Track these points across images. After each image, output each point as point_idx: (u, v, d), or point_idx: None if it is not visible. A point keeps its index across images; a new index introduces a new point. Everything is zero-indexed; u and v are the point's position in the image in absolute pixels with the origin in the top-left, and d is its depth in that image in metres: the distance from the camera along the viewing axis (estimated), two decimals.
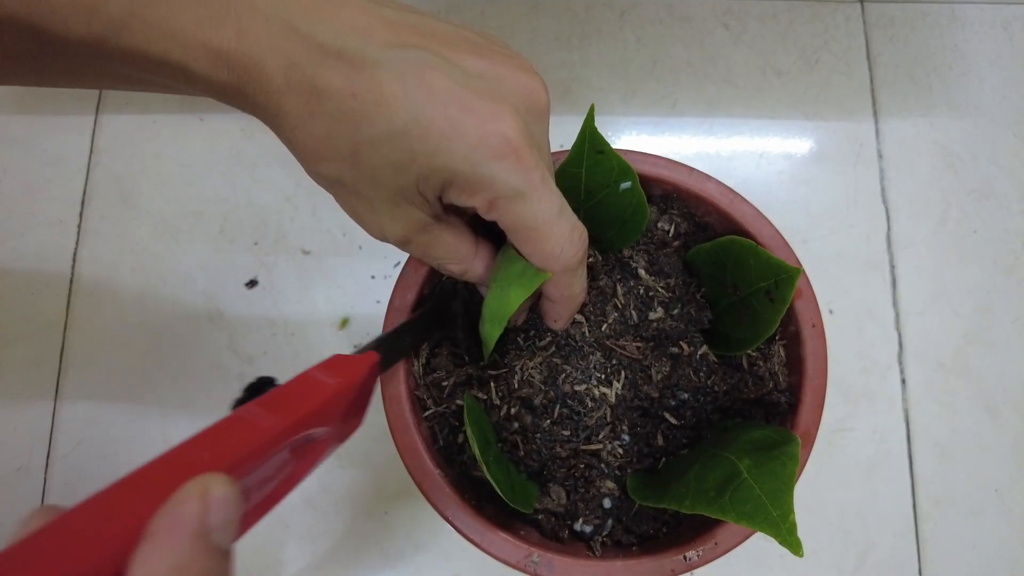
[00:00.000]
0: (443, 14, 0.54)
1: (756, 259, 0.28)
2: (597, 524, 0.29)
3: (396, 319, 0.30)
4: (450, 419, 0.30)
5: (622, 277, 0.32)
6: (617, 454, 0.29)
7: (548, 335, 0.30)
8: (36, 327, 0.47)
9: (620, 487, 0.29)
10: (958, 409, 0.46)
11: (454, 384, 0.30)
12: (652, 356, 0.30)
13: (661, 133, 0.52)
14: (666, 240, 0.33)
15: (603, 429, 0.29)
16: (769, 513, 0.23)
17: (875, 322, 0.48)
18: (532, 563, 0.27)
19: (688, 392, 0.30)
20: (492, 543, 0.27)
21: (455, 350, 0.31)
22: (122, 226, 0.50)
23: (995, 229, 0.50)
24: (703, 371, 0.30)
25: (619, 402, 0.29)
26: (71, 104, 0.52)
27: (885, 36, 0.54)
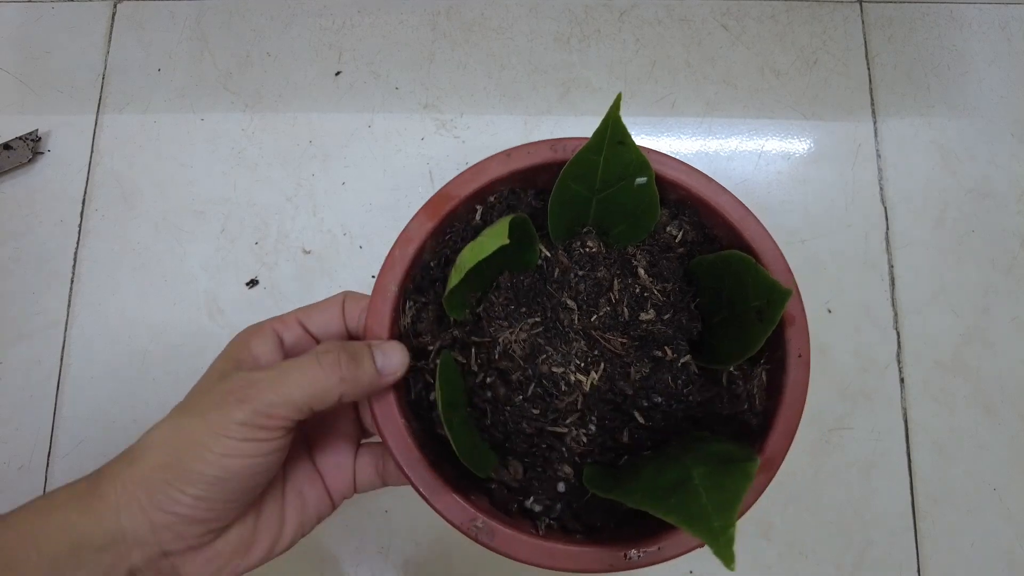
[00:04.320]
0: (443, 16, 0.55)
1: (754, 277, 0.28)
2: (547, 505, 0.29)
3: (384, 305, 0.30)
4: (426, 375, 0.30)
5: (621, 273, 0.31)
6: (580, 442, 0.29)
7: (538, 314, 0.30)
8: (37, 326, 0.48)
9: (576, 474, 0.29)
10: (956, 408, 0.47)
11: (439, 347, 0.30)
12: (635, 355, 0.30)
13: (660, 133, 0.52)
14: (671, 245, 0.33)
15: (572, 415, 0.29)
16: (710, 522, 0.23)
17: (873, 321, 0.48)
18: (475, 527, 0.27)
19: (663, 396, 0.30)
20: (440, 501, 0.27)
21: (441, 313, 0.31)
22: (123, 226, 0.50)
23: (993, 229, 0.50)
24: (682, 379, 0.30)
25: (593, 392, 0.30)
26: (72, 104, 0.52)
27: (883, 36, 0.55)
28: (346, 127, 0.52)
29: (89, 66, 0.53)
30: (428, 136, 0.52)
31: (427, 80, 0.53)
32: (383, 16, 0.55)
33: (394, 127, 0.52)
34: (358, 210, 0.49)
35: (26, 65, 0.54)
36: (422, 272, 0.31)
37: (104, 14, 0.55)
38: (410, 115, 0.52)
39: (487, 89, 0.53)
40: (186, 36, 0.54)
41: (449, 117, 0.52)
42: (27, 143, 0.50)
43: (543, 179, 0.32)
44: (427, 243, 0.30)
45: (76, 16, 0.55)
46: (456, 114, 0.52)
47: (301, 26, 0.54)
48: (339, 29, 0.54)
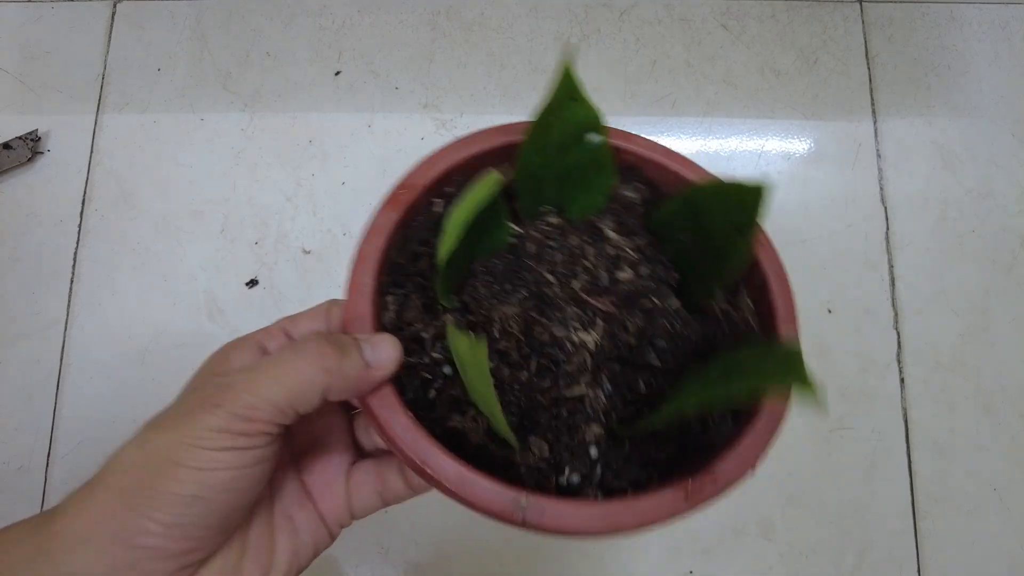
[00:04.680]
0: (443, 15, 0.54)
1: (721, 195, 0.29)
2: (585, 473, 0.27)
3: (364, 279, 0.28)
4: (422, 372, 0.28)
5: (591, 239, 0.31)
6: (600, 401, 0.28)
7: (523, 290, 0.30)
8: (37, 326, 0.48)
9: (606, 432, 0.28)
10: (957, 408, 0.47)
11: (433, 337, 0.28)
12: (625, 311, 0.30)
13: (660, 133, 0.52)
14: (632, 205, 0.33)
15: (584, 375, 0.28)
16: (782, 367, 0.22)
17: (874, 321, 0.48)
18: (520, 508, 0.24)
19: (665, 340, 0.30)
20: (473, 488, 0.24)
21: (427, 301, 0.29)
22: (123, 226, 0.50)
23: (993, 228, 0.50)
24: (678, 322, 0.30)
25: (598, 351, 0.29)
26: (72, 104, 0.52)
27: (884, 36, 0.55)
28: (346, 127, 0.52)
29: (89, 66, 0.53)
30: (428, 136, 0.52)
31: (427, 80, 0.53)
32: (383, 16, 0.55)
33: (394, 127, 0.52)
34: (358, 210, 0.49)
35: (26, 65, 0.54)
36: (393, 267, 0.30)
37: (104, 14, 0.55)
38: (410, 115, 0.52)
39: (487, 89, 0.53)
40: (186, 36, 0.54)
41: (449, 117, 0.52)
42: (27, 143, 0.50)
43: (500, 164, 0.32)
44: (395, 236, 0.29)
45: (76, 16, 0.55)
46: (456, 114, 0.52)
47: (301, 26, 0.54)
48: (339, 29, 0.54)
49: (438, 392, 0.27)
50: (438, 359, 0.28)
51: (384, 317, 0.28)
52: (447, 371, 0.28)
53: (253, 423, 0.22)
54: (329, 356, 0.24)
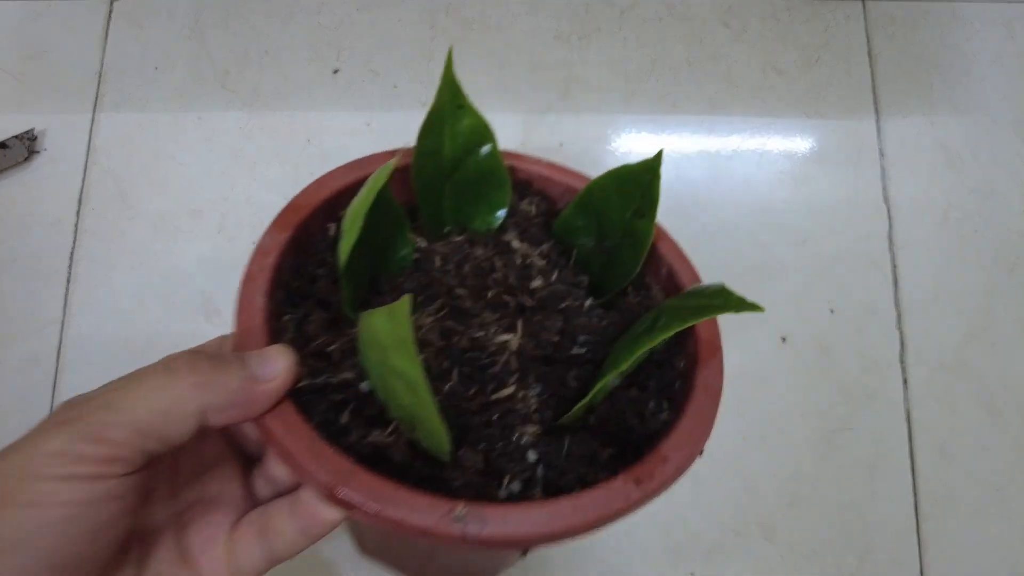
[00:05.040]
0: (442, 13, 0.54)
1: (616, 180, 0.29)
2: (526, 479, 0.25)
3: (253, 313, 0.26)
4: (332, 394, 0.25)
5: (499, 251, 0.31)
6: (530, 401, 0.27)
7: (436, 301, 0.28)
8: (34, 326, 0.47)
9: (544, 431, 0.26)
10: (959, 409, 0.46)
11: (342, 352, 0.26)
12: (542, 314, 0.29)
13: (661, 132, 0.52)
14: (531, 216, 0.34)
15: (511, 376, 0.27)
16: (715, 299, 0.23)
17: (876, 321, 0.48)
18: (458, 518, 0.21)
19: (587, 334, 0.29)
20: (399, 506, 0.21)
21: (331, 316, 0.27)
22: (120, 225, 0.49)
23: (997, 228, 0.50)
24: (596, 317, 0.30)
25: (521, 351, 0.27)
26: (69, 103, 0.52)
27: (886, 35, 0.54)
28: (345, 125, 0.52)
29: (86, 64, 0.53)
30: None
31: (426, 78, 0.53)
32: (382, 13, 0.54)
33: (393, 125, 0.52)
34: None
35: (22, 63, 0.53)
36: (289, 289, 0.28)
37: (101, 12, 0.54)
38: (409, 113, 0.52)
39: (487, 87, 0.53)
40: (184, 34, 0.54)
41: None
42: (23, 142, 0.50)
43: (394, 187, 0.31)
44: (285, 257, 0.28)
45: (73, 14, 0.54)
46: None
47: (299, 24, 0.54)
48: (337, 27, 0.54)
49: (352, 414, 0.24)
50: (350, 379, 0.25)
51: (282, 339, 0.26)
52: (363, 388, 0.25)
53: (104, 445, 0.18)
54: (204, 370, 0.20)
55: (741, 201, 0.50)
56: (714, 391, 0.27)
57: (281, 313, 0.27)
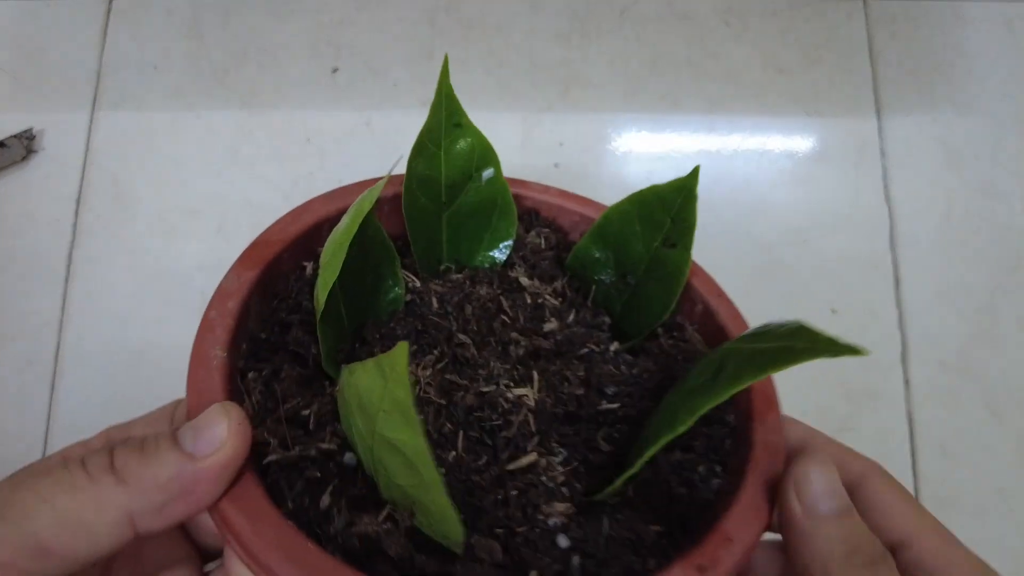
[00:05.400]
0: (442, 12, 0.54)
1: (640, 207, 0.26)
2: (559, 572, 0.20)
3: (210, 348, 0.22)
4: (309, 470, 0.20)
5: (505, 289, 0.27)
6: (556, 470, 0.22)
7: (436, 350, 0.24)
8: (31, 326, 0.47)
9: (576, 508, 0.21)
10: (961, 409, 0.46)
11: (320, 417, 0.21)
12: (561, 362, 0.25)
13: (662, 131, 0.52)
14: (540, 249, 0.30)
15: (530, 440, 0.22)
16: (798, 341, 0.18)
17: (878, 322, 0.48)
18: None
19: (614, 384, 0.25)
20: None
21: (306, 372, 0.23)
22: (118, 225, 0.49)
23: (999, 228, 0.50)
24: (623, 364, 0.26)
25: (540, 408, 0.23)
26: (67, 102, 0.52)
27: (888, 33, 0.54)
28: (344, 124, 0.51)
29: (84, 63, 0.53)
30: None
31: (426, 77, 0.52)
32: (381, 12, 0.54)
33: (393, 124, 0.51)
34: None
35: (20, 62, 0.53)
36: (255, 341, 0.24)
37: (99, 10, 0.54)
38: (409, 112, 0.52)
39: (487, 86, 0.52)
40: (182, 33, 0.54)
41: None
42: (21, 141, 0.50)
43: (382, 218, 0.28)
44: (251, 301, 0.24)
45: (71, 13, 0.54)
46: None
47: (298, 22, 0.54)
48: (337, 25, 0.54)
49: (335, 495, 0.20)
50: (330, 449, 0.20)
51: (246, 402, 0.21)
52: (348, 460, 0.21)
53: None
54: (126, 461, 0.16)
55: (741, 200, 0.50)
56: (776, 450, 0.23)
57: (245, 370, 0.22)
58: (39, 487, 0.15)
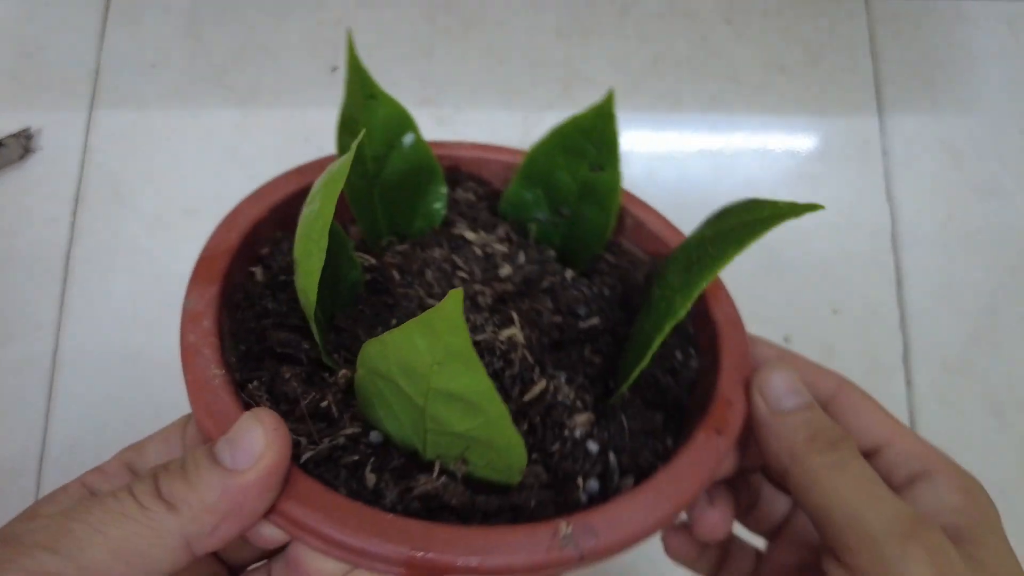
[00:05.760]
0: (442, 10, 0.54)
1: (562, 140, 0.27)
2: (601, 472, 0.22)
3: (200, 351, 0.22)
4: (343, 457, 0.20)
5: (454, 247, 0.28)
6: (565, 388, 0.24)
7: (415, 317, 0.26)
8: (29, 327, 0.47)
9: (596, 415, 0.24)
10: (964, 410, 0.46)
11: (339, 404, 0.22)
12: (529, 300, 0.26)
13: (663, 129, 0.51)
14: (473, 203, 0.31)
15: (532, 372, 0.24)
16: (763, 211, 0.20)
17: (880, 322, 0.47)
18: (566, 539, 0.19)
19: (584, 306, 0.27)
20: (499, 548, 0.18)
21: (305, 371, 0.23)
22: (116, 224, 0.49)
23: (1001, 227, 0.49)
24: (583, 287, 0.28)
25: (530, 343, 0.25)
26: (65, 101, 0.51)
27: (890, 32, 0.54)
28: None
29: (82, 62, 0.53)
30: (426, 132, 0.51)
31: (425, 75, 0.52)
32: (380, 10, 0.54)
33: None
34: None
35: (18, 61, 0.53)
36: (237, 353, 0.24)
37: (97, 9, 0.54)
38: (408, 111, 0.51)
39: (487, 84, 0.52)
40: (180, 31, 0.53)
41: (448, 113, 0.51)
42: (19, 140, 0.49)
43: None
44: (222, 318, 0.24)
45: (69, 11, 0.54)
46: (454, 110, 0.51)
47: (297, 20, 0.54)
48: (336, 23, 0.53)
49: (377, 473, 0.20)
50: (356, 433, 0.21)
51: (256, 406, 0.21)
52: (373, 439, 0.21)
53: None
54: (169, 484, 0.16)
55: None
56: (736, 321, 0.26)
57: (244, 382, 0.22)
58: (90, 518, 0.15)
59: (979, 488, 0.23)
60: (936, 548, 0.19)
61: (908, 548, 0.19)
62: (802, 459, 0.21)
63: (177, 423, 0.23)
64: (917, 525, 0.19)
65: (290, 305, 0.25)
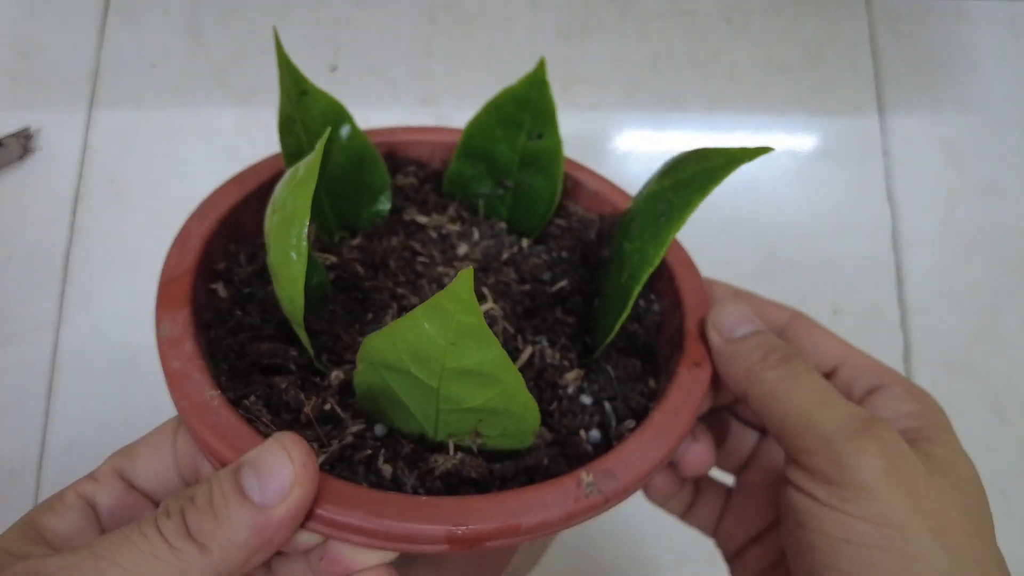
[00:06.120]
0: (442, 9, 0.54)
1: (497, 112, 0.28)
2: (600, 422, 0.24)
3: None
4: (355, 455, 0.21)
5: (408, 233, 0.29)
6: (548, 350, 0.25)
7: (390, 309, 0.25)
8: (28, 327, 0.47)
9: (583, 369, 0.25)
10: (964, 410, 0.46)
11: (341, 405, 0.22)
12: (493, 274, 0.27)
13: (664, 129, 0.51)
14: (417, 187, 0.31)
15: (515, 340, 0.25)
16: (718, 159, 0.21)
17: (881, 322, 0.47)
18: (589, 486, 0.19)
19: (547, 270, 0.28)
20: (533, 506, 0.19)
21: (298, 377, 0.23)
22: (115, 225, 0.49)
23: (1002, 227, 0.49)
24: (542, 253, 0.29)
25: (506, 314, 0.25)
26: (64, 100, 0.51)
27: (891, 32, 0.54)
28: None
29: (81, 61, 0.53)
30: None
31: (425, 75, 0.52)
32: (380, 9, 0.54)
33: (391, 123, 0.51)
34: None
35: (17, 61, 0.53)
36: (222, 373, 0.23)
37: (97, 8, 0.54)
38: (408, 110, 0.51)
39: (486, 84, 0.52)
40: (180, 31, 0.53)
41: (447, 112, 0.51)
42: (19, 140, 0.49)
43: (252, 217, 0.27)
44: (199, 339, 0.23)
45: (68, 10, 0.54)
46: (454, 109, 0.51)
47: (297, 20, 0.54)
48: (336, 23, 0.53)
49: (391, 462, 0.21)
50: (361, 429, 0.22)
51: (259, 424, 0.21)
52: (378, 432, 0.22)
53: None
54: (198, 523, 0.15)
55: (743, 199, 0.50)
56: (689, 263, 0.27)
57: (239, 399, 0.22)
58: (120, 558, 0.15)
59: (930, 397, 0.24)
60: (888, 442, 0.20)
61: (861, 443, 0.19)
62: (758, 376, 0.22)
63: (165, 428, 0.22)
64: (869, 423, 0.20)
65: (262, 316, 0.25)
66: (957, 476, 0.21)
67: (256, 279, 0.26)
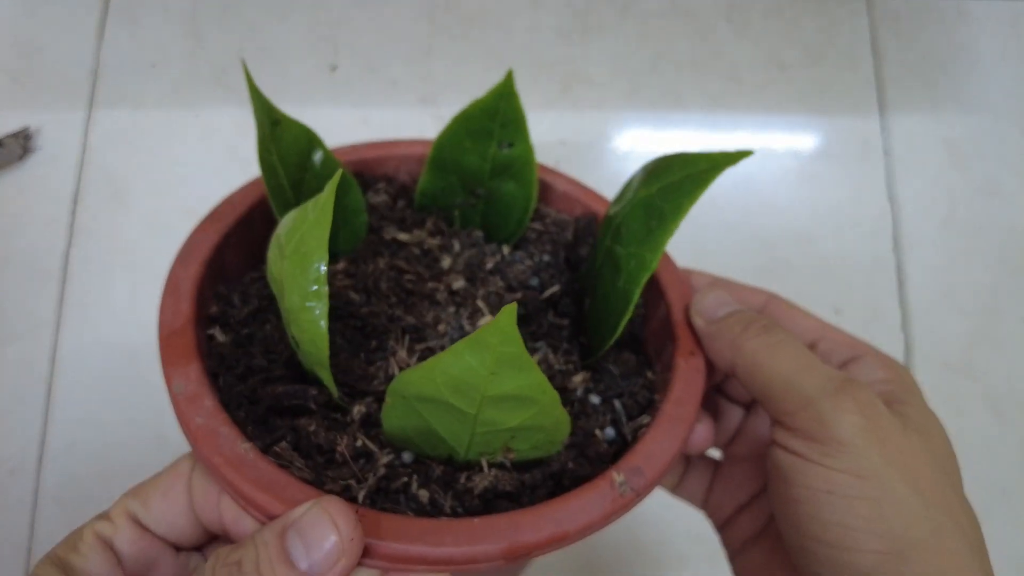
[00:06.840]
0: (442, 9, 0.54)
1: (466, 124, 0.28)
2: (613, 419, 0.24)
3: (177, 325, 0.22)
4: (391, 485, 0.21)
5: (391, 253, 0.28)
6: (551, 356, 0.26)
7: (392, 334, 0.25)
8: (28, 327, 0.47)
9: (588, 371, 0.26)
10: (965, 410, 0.46)
11: (372, 439, 0.22)
12: (481, 285, 0.28)
13: (664, 128, 0.51)
14: (391, 204, 0.31)
15: None
16: (703, 163, 0.22)
17: (882, 322, 0.47)
18: (622, 485, 0.20)
19: (534, 276, 0.29)
20: (577, 512, 0.20)
21: (322, 419, 0.22)
22: (115, 224, 0.49)
23: (1002, 227, 0.49)
24: (525, 259, 0.29)
25: None
26: (64, 100, 0.51)
27: (891, 31, 0.54)
28: (342, 122, 0.51)
29: (81, 61, 0.52)
30: (426, 131, 0.51)
31: (425, 74, 0.52)
32: (380, 9, 0.54)
33: (391, 122, 0.51)
34: None
35: (17, 61, 0.53)
36: (242, 423, 0.22)
37: (96, 8, 0.54)
38: (407, 110, 0.51)
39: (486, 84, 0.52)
40: (180, 31, 0.53)
41: (447, 112, 0.51)
42: (18, 140, 0.49)
43: (243, 247, 0.27)
44: (214, 392, 0.23)
45: (68, 11, 0.54)
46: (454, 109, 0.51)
47: (296, 20, 0.53)
48: (335, 22, 0.53)
49: (425, 486, 0.21)
50: (392, 460, 0.22)
51: (293, 470, 0.21)
52: (406, 459, 0.22)
53: None
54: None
55: (744, 199, 0.50)
56: (666, 256, 0.28)
57: (268, 446, 0.21)
58: None
59: (901, 366, 0.25)
60: (865, 401, 0.21)
61: (840, 402, 0.21)
62: (741, 347, 0.23)
63: (180, 471, 0.22)
64: (847, 384, 0.21)
65: (267, 357, 0.24)
66: (928, 433, 0.23)
67: (252, 320, 0.26)
